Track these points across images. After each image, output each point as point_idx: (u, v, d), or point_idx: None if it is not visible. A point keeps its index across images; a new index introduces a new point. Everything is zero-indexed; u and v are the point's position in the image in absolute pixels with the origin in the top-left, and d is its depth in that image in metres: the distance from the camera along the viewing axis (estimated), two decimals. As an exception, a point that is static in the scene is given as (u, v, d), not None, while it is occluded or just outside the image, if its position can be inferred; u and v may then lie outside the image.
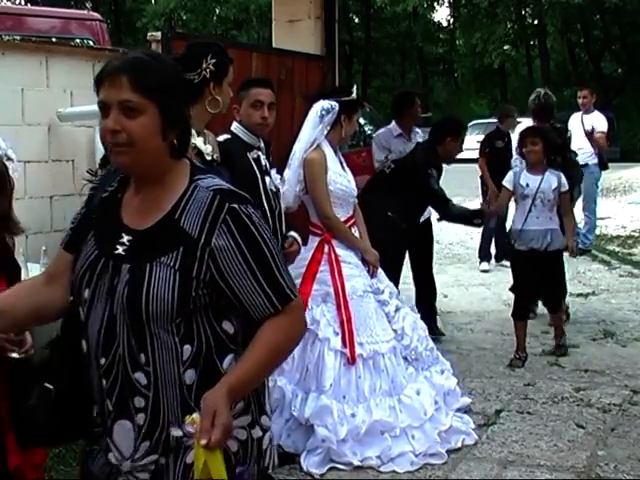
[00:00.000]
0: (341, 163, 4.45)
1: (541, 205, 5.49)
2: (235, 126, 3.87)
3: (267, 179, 3.85)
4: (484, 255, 8.97)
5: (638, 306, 7.35)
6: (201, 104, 3.32)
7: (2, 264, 2.52)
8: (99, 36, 8.16)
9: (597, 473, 4.01)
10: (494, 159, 8.25)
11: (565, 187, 5.55)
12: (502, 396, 5.04)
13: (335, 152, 4.42)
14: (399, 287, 5.51)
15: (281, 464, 4.05)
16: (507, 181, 5.65)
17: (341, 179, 4.36)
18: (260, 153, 3.85)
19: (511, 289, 5.84)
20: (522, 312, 5.72)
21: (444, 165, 5.65)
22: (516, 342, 5.71)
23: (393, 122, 6.51)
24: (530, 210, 5.51)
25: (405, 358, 4.38)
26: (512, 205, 6.17)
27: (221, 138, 3.76)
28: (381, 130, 6.71)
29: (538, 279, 5.62)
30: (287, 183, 4.29)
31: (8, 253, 2.57)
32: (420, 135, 6.45)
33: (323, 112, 4.29)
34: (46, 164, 4.57)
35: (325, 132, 4.31)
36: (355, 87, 4.66)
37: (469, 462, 4.13)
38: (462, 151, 5.72)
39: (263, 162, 3.85)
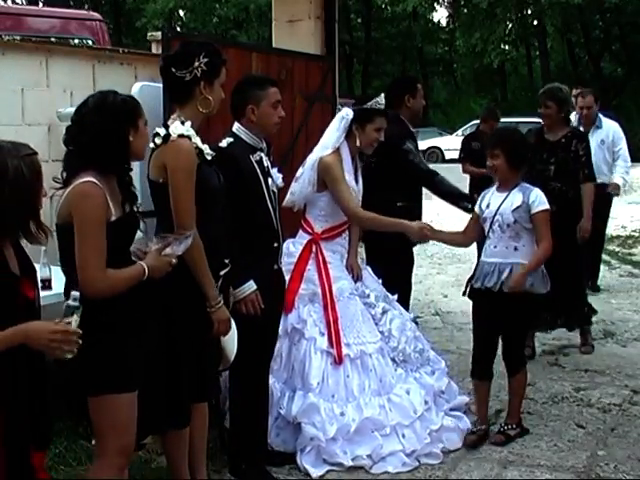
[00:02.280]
0: (356, 172, 4.43)
1: (499, 231, 4.23)
2: (237, 127, 3.81)
3: (269, 180, 3.85)
4: None
5: (638, 306, 7.35)
6: (193, 103, 3.33)
7: (25, 269, 2.51)
8: (99, 36, 8.16)
9: (597, 473, 4.01)
10: (474, 163, 7.92)
11: (540, 206, 4.22)
12: (502, 396, 5.02)
13: (353, 160, 4.40)
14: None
15: (281, 464, 4.06)
16: (477, 204, 4.47)
17: (351, 185, 4.36)
18: (262, 154, 3.83)
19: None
20: (477, 370, 4.46)
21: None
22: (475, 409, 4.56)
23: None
24: (488, 237, 4.30)
25: (393, 360, 4.38)
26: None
27: (224, 143, 3.73)
28: None
29: (497, 329, 4.36)
30: (300, 181, 4.28)
31: (27, 257, 2.57)
32: None
33: (341, 118, 4.31)
34: (46, 164, 4.54)
35: (342, 139, 4.30)
36: (383, 96, 4.48)
37: (469, 462, 4.13)
38: (425, 105, 5.52)
39: (265, 163, 3.84)
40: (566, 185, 5.50)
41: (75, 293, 2.53)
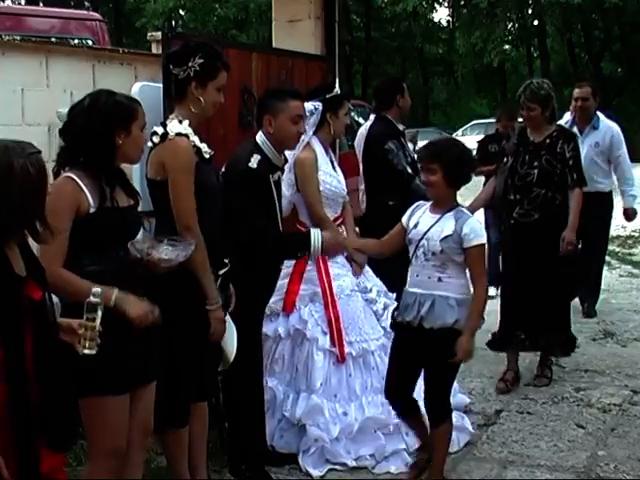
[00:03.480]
0: (332, 162, 4.45)
1: (423, 258, 3.63)
2: (262, 141, 3.76)
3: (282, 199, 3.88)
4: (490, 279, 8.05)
5: (638, 306, 7.35)
6: (186, 103, 3.34)
7: (31, 270, 2.50)
8: (99, 36, 8.15)
9: (597, 473, 4.01)
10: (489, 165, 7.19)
11: (475, 240, 3.56)
12: (502, 396, 5.04)
13: (326, 151, 4.42)
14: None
15: (281, 464, 4.06)
16: (405, 214, 3.82)
17: (331, 179, 4.36)
18: (280, 173, 3.83)
19: None
20: (396, 409, 3.89)
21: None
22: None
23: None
24: (411, 263, 3.71)
25: None
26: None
27: (254, 163, 3.66)
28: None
29: (416, 367, 3.74)
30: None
31: (34, 258, 2.56)
32: None
33: (307, 114, 4.27)
34: (46, 164, 4.57)
35: (311, 133, 4.30)
36: (337, 82, 4.63)
37: (469, 462, 4.14)
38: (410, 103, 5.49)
39: (281, 183, 3.85)
40: (552, 191, 4.98)
41: (96, 289, 2.54)
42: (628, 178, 6.74)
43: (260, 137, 3.78)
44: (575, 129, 6.29)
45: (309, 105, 4.30)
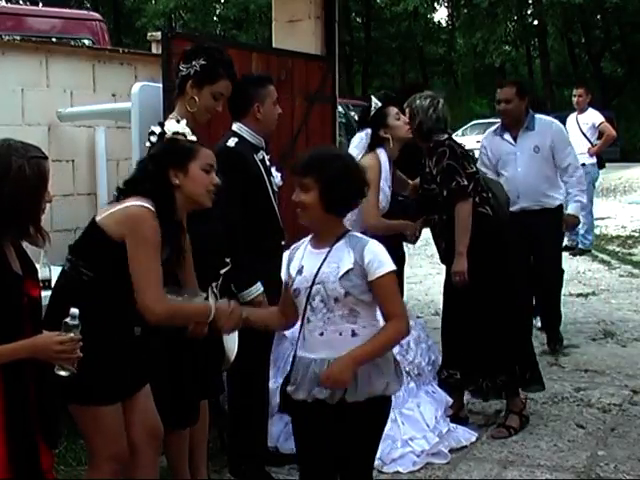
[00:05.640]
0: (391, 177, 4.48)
1: (323, 309, 2.70)
2: (239, 127, 3.81)
3: (272, 179, 3.87)
4: None
5: (638, 306, 7.35)
6: (183, 100, 3.42)
7: (27, 269, 2.50)
8: (99, 36, 8.16)
9: (597, 473, 4.01)
10: None
11: (381, 268, 2.66)
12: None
13: (390, 165, 4.44)
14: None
15: (281, 464, 4.06)
16: (285, 267, 2.90)
17: (388, 192, 4.41)
18: (264, 154, 3.85)
19: None
20: None
21: None
22: None
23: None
24: (307, 320, 2.74)
25: (407, 373, 4.34)
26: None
27: (232, 142, 3.73)
28: None
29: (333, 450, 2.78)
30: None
31: (28, 257, 2.56)
32: None
33: (358, 141, 4.45)
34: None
35: (360, 155, 4.31)
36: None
37: (469, 462, 4.13)
38: None
39: (267, 162, 3.86)
40: (445, 215, 4.35)
41: (74, 310, 2.48)
42: (579, 184, 5.67)
43: (236, 125, 3.81)
44: (507, 136, 5.53)
45: (361, 134, 4.42)
